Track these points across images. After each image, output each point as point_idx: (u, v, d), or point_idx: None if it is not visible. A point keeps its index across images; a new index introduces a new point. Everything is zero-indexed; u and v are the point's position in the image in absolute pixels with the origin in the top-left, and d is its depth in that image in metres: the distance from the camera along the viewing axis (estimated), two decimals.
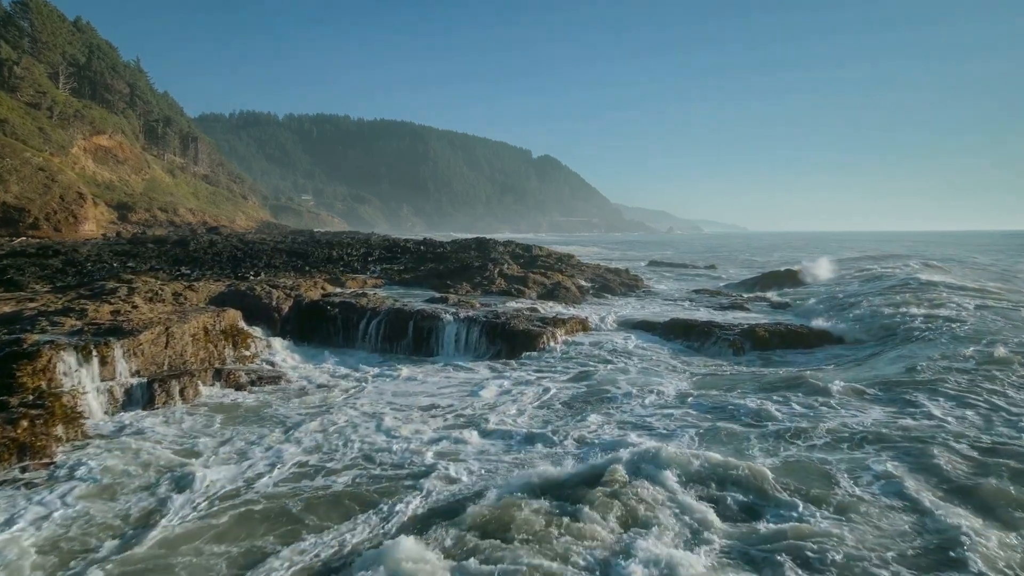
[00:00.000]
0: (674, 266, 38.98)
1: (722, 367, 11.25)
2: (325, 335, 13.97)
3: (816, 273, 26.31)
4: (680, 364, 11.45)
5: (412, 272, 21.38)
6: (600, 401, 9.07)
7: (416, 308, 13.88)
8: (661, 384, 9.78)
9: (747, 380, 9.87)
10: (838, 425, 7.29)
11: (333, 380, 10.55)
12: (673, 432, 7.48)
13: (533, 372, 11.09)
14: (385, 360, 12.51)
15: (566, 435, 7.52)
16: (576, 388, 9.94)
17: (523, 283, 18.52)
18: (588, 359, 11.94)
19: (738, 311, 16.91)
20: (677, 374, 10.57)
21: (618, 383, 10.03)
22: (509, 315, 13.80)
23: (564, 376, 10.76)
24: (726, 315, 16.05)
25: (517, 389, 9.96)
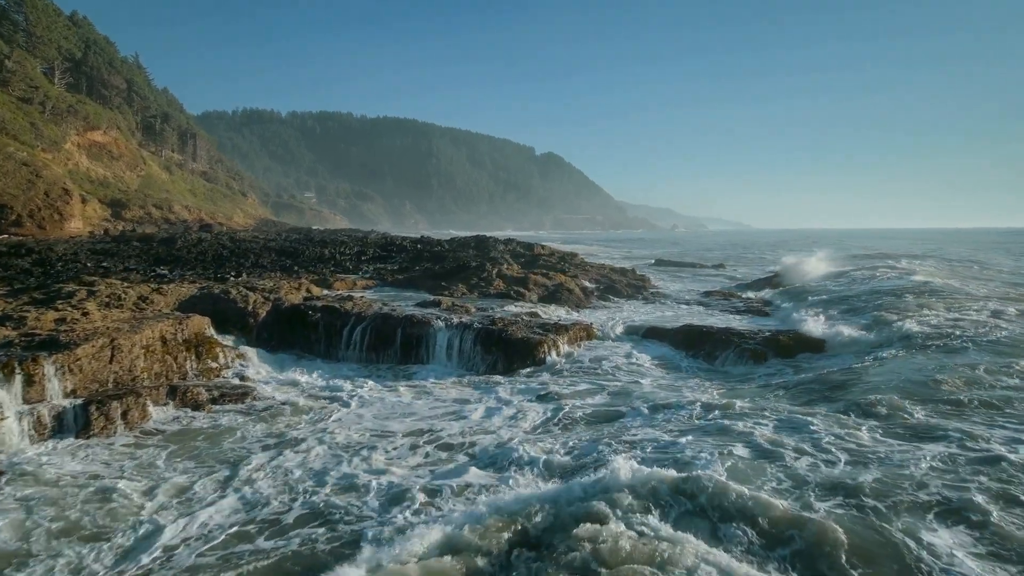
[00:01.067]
0: (682, 265, 37.70)
1: (746, 380, 10.02)
2: (306, 343, 12.80)
3: (825, 271, 25.05)
4: (697, 378, 10.22)
5: (406, 272, 20.19)
6: (611, 426, 7.86)
7: (405, 313, 12.69)
8: (678, 403, 8.55)
9: (779, 397, 8.62)
10: (900, 459, 6.06)
11: (308, 398, 9.36)
12: (700, 463, 6.27)
13: (533, 388, 9.87)
14: (369, 372, 11.32)
15: (571, 472, 6.32)
16: (582, 407, 8.73)
17: (523, 285, 17.31)
18: (594, 372, 10.72)
19: (756, 316, 15.68)
20: (695, 390, 9.33)
21: (629, 401, 8.83)
22: (507, 321, 12.60)
23: (568, 392, 9.55)
24: (743, 320, 14.81)
25: (514, 410, 8.75)
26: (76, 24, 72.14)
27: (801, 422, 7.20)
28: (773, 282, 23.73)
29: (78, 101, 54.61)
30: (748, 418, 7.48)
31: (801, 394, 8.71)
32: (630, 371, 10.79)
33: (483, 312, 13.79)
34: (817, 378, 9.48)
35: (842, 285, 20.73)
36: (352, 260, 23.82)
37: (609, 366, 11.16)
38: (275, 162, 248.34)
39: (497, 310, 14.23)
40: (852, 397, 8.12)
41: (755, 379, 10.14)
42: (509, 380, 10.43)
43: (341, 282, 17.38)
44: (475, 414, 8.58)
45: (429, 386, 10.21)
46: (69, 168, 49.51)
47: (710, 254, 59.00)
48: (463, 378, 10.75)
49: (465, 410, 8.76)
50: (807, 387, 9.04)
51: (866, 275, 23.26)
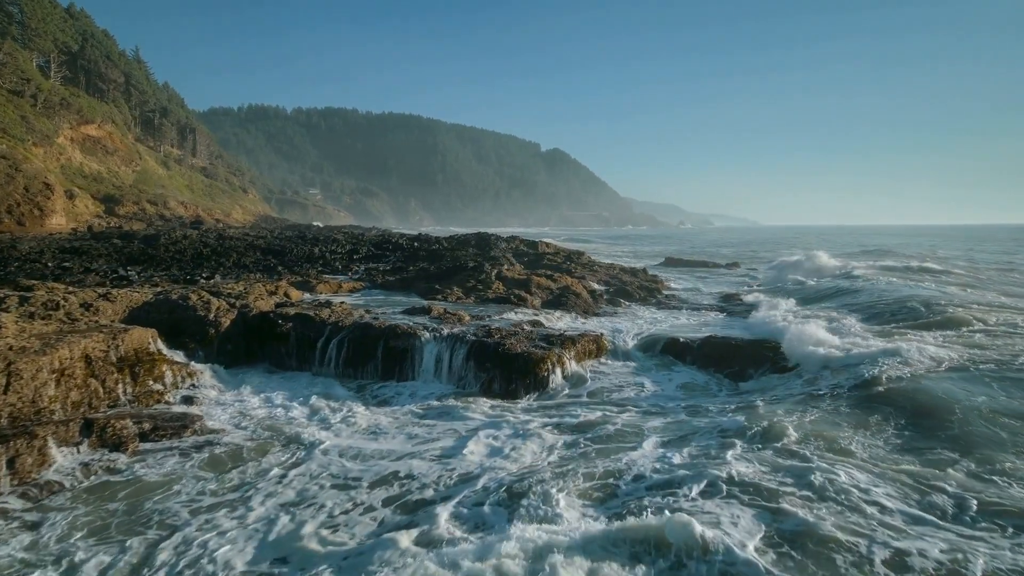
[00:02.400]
0: (693, 264, 35.91)
1: (798, 408, 8.34)
2: (276, 357, 11.24)
3: (858, 273, 23.27)
4: (731, 404, 8.55)
5: (398, 273, 18.60)
6: (625, 474, 6.23)
7: (389, 323, 11.09)
8: (709, 441, 6.93)
9: (846, 435, 6.94)
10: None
11: (265, 429, 7.77)
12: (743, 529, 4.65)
13: (532, 418, 8.25)
14: (345, 392, 9.71)
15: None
16: (588, 444, 7.12)
17: (525, 288, 15.68)
18: (606, 399, 9.07)
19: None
20: (727, 416, 7.68)
21: (646, 437, 7.21)
22: (505, 332, 10.97)
23: (571, 424, 7.94)
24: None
25: (510, 445, 7.16)
26: (73, 17, 70.88)
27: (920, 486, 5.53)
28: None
29: (71, 94, 53.34)
30: (814, 468, 5.83)
31: (887, 431, 7.03)
32: (648, 396, 9.14)
33: (479, 321, 12.17)
34: (894, 403, 7.79)
35: (877, 294, 18.96)
36: (343, 260, 22.27)
37: (624, 387, 9.53)
38: (281, 158, 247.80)
39: (495, 318, 12.61)
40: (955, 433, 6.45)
41: (807, 405, 8.44)
42: (505, 405, 8.80)
43: (325, 284, 15.81)
44: (466, 450, 6.97)
45: (410, 412, 8.59)
46: (61, 163, 48.27)
47: (721, 251, 57.09)
48: (451, 401, 9.12)
49: (454, 447, 7.16)
50: (880, 423, 7.36)
51: (909, 281, 21.58)
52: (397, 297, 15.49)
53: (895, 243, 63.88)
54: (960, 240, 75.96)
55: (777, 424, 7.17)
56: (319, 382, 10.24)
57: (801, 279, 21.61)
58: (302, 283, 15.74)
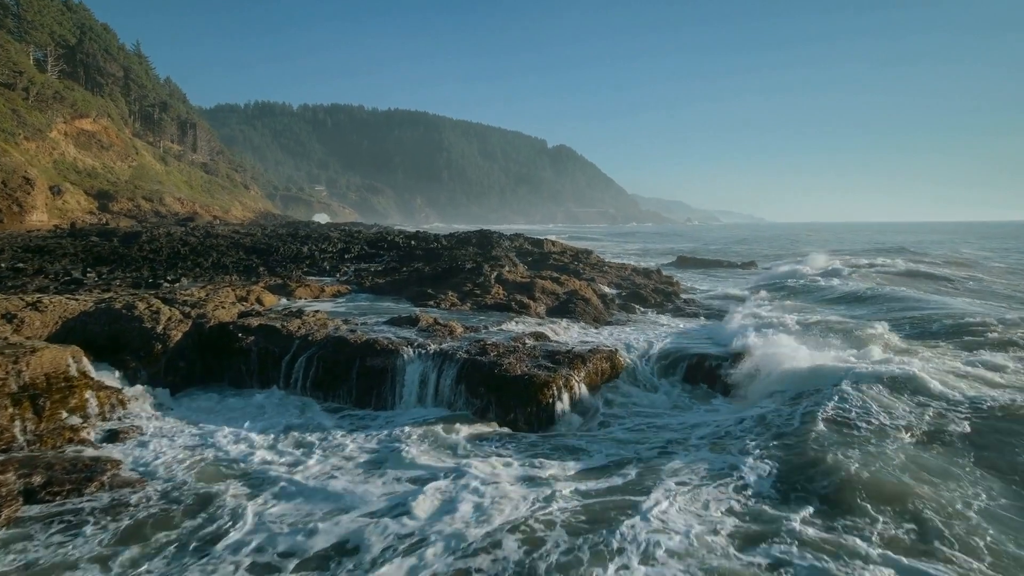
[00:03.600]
0: (707, 264, 34.07)
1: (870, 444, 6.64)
2: (236, 375, 9.64)
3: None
4: (778, 443, 6.86)
5: (390, 275, 16.98)
6: (654, 552, 4.58)
7: (367, 337, 9.45)
8: (758, 497, 5.28)
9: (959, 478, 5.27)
10: None
11: (199, 479, 6.17)
12: None
13: (535, 464, 6.60)
14: (308, 422, 8.09)
15: None
16: (601, 503, 5.48)
17: (528, 292, 14.01)
18: (623, 440, 7.41)
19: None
20: (777, 463, 6.01)
21: (672, 496, 5.55)
22: (503, 348, 9.32)
23: (581, 469, 6.32)
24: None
25: (504, 508, 5.51)
26: (71, 9, 69.64)
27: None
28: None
29: (65, 87, 52.06)
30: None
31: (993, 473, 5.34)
32: (679, 436, 7.46)
33: (473, 333, 10.53)
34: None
35: (914, 304, 17.14)
36: (333, 259, 20.68)
37: (648, 420, 7.87)
38: (287, 155, 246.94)
39: (492, 330, 10.96)
40: None
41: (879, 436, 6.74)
42: (497, 445, 7.14)
43: (305, 288, 14.21)
44: (454, 514, 5.32)
45: (378, 453, 6.94)
46: (54, 157, 46.99)
47: (732, 249, 55.11)
48: (436, 433, 7.46)
49: (437, 511, 5.51)
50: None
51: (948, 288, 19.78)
52: (385, 303, 13.86)
53: (909, 241, 61.59)
54: (974, 237, 73.45)
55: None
56: (281, 408, 8.62)
57: (835, 285, 19.72)
58: (279, 286, 14.15)
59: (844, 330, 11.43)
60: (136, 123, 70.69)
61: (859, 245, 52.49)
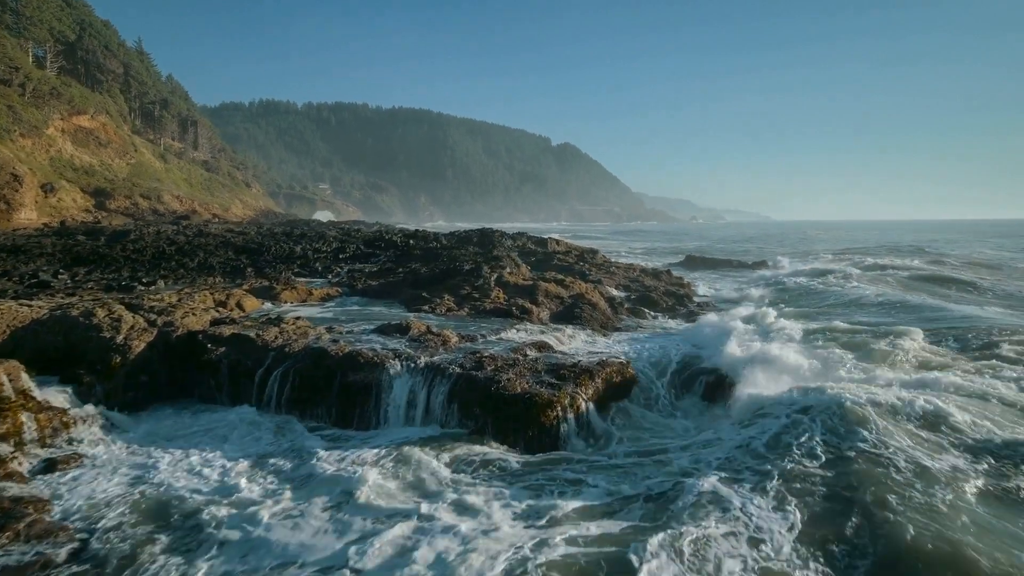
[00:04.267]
0: (717, 263, 32.92)
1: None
2: (205, 391, 8.70)
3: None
4: (802, 486, 5.82)
5: (384, 276, 16.02)
6: None
7: (350, 348, 8.49)
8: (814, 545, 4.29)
9: None
10: None
11: (131, 532, 5.20)
12: None
13: (524, 502, 5.62)
14: (280, 446, 7.14)
15: None
16: (594, 556, 4.50)
17: (530, 296, 13.02)
18: (635, 469, 6.41)
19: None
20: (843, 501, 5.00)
21: (677, 551, 4.56)
22: (501, 361, 8.35)
23: (577, 508, 5.36)
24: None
25: (474, 564, 4.54)
26: (71, 5, 68.97)
27: None
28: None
29: (63, 83, 51.34)
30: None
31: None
32: (688, 468, 6.43)
33: (469, 343, 9.55)
34: None
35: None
36: (327, 259, 19.76)
37: (662, 463, 6.85)
38: (291, 153, 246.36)
39: (491, 339, 9.98)
40: None
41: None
42: (481, 483, 6.13)
43: (291, 291, 13.26)
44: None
45: (349, 485, 5.95)
46: (51, 154, 46.29)
47: (741, 247, 53.89)
48: (416, 459, 6.48)
49: (371, 562, 4.54)
50: None
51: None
52: (376, 307, 12.90)
53: (922, 240, 60.14)
54: (986, 236, 71.83)
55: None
56: (250, 429, 7.67)
57: (853, 290, 18.60)
58: (264, 289, 13.21)
59: (864, 344, 10.30)
60: (136, 120, 70.00)
61: (871, 245, 51.16)
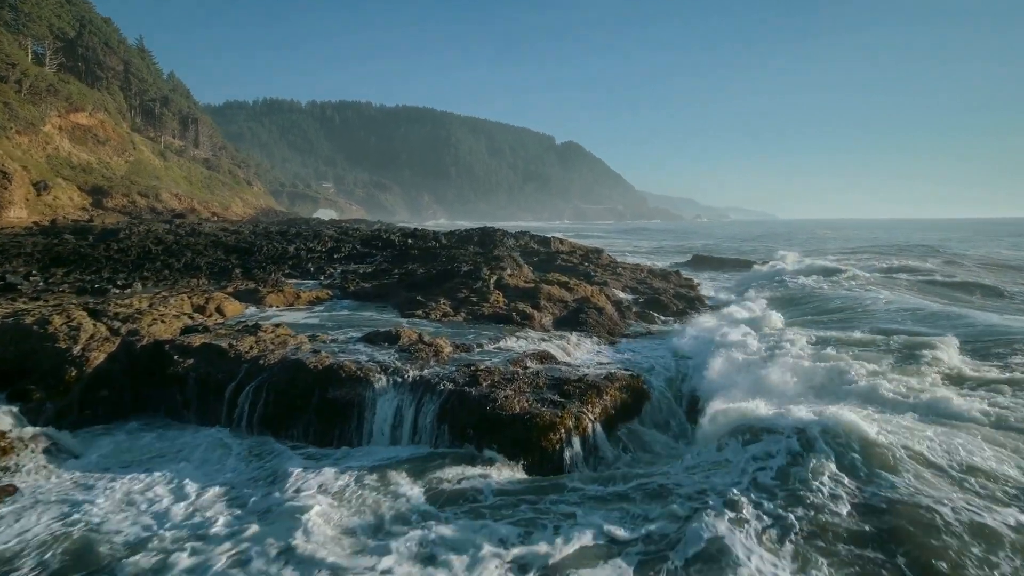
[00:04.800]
0: (725, 263, 31.99)
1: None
2: (172, 407, 7.90)
3: None
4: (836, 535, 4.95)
5: (379, 278, 15.20)
6: None
7: (331, 361, 7.65)
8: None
9: None
10: None
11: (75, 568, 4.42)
12: None
13: (505, 543, 4.78)
14: (238, 477, 6.31)
15: None
16: None
17: (532, 300, 12.17)
18: (639, 502, 5.53)
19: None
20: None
21: None
22: (498, 375, 7.51)
23: (568, 556, 4.52)
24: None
25: None
26: (70, 2, 68.36)
27: None
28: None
29: (60, 80, 50.69)
30: None
31: None
32: (698, 505, 5.55)
33: (464, 353, 8.71)
34: None
35: None
36: (321, 259, 18.95)
37: (664, 470, 6.00)
38: (294, 152, 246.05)
39: (488, 347, 9.13)
40: None
41: None
42: (460, 518, 5.28)
43: (278, 295, 12.44)
44: None
45: (323, 521, 5.12)
46: (47, 152, 45.64)
47: (748, 246, 52.86)
48: (397, 484, 5.64)
49: None
50: None
51: None
52: (367, 312, 12.07)
53: (931, 239, 58.90)
54: (995, 235, 70.46)
55: None
56: (215, 452, 6.86)
57: (866, 295, 17.67)
58: (248, 292, 12.40)
59: (887, 356, 9.20)
60: (137, 118, 69.38)
61: (881, 244, 50.01)
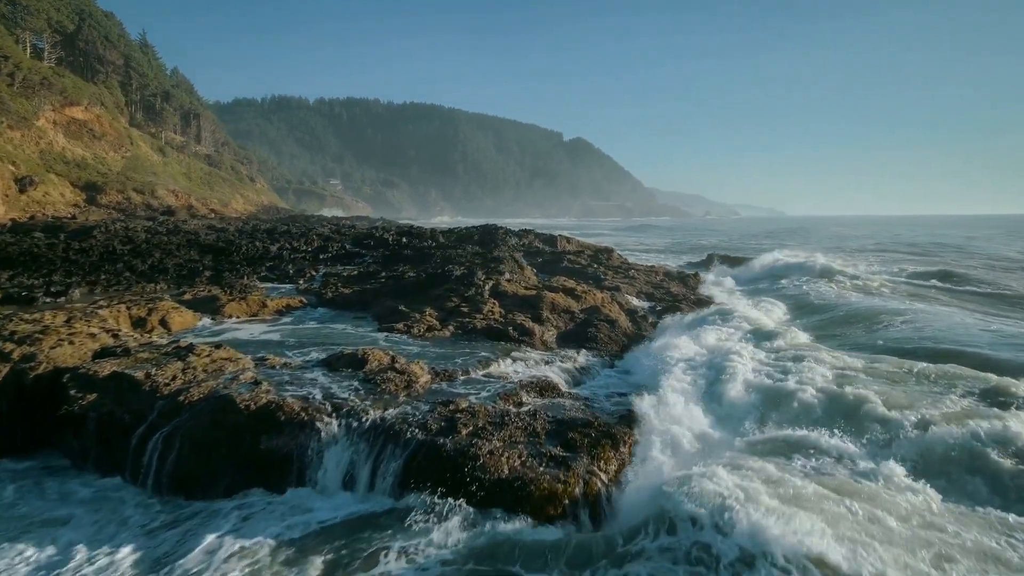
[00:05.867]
0: (741, 263, 30.06)
1: None
2: (70, 452, 6.25)
3: None
4: None
5: (361, 283, 13.51)
6: None
7: (268, 399, 5.95)
8: None
9: None
10: None
11: None
12: None
13: None
14: (144, 546, 4.64)
15: None
16: None
17: (532, 309, 10.43)
18: None
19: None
20: None
21: None
22: (483, 418, 5.78)
23: None
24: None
25: None
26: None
27: None
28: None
29: (54, 73, 49.46)
30: None
31: None
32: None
33: (445, 381, 7.00)
34: None
35: None
36: (304, 260, 17.31)
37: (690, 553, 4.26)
38: (302, 149, 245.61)
39: (475, 374, 7.40)
40: None
41: None
42: None
43: (240, 303, 10.77)
44: None
45: None
46: (41, 147, 44.41)
47: (763, 244, 50.68)
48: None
49: None
50: None
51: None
52: (340, 325, 10.38)
53: (950, 236, 56.38)
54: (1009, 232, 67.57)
55: None
56: (111, 516, 5.19)
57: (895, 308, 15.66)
58: (206, 301, 10.75)
59: (958, 406, 7.50)
60: (138, 113, 68.27)
61: (903, 242, 47.69)
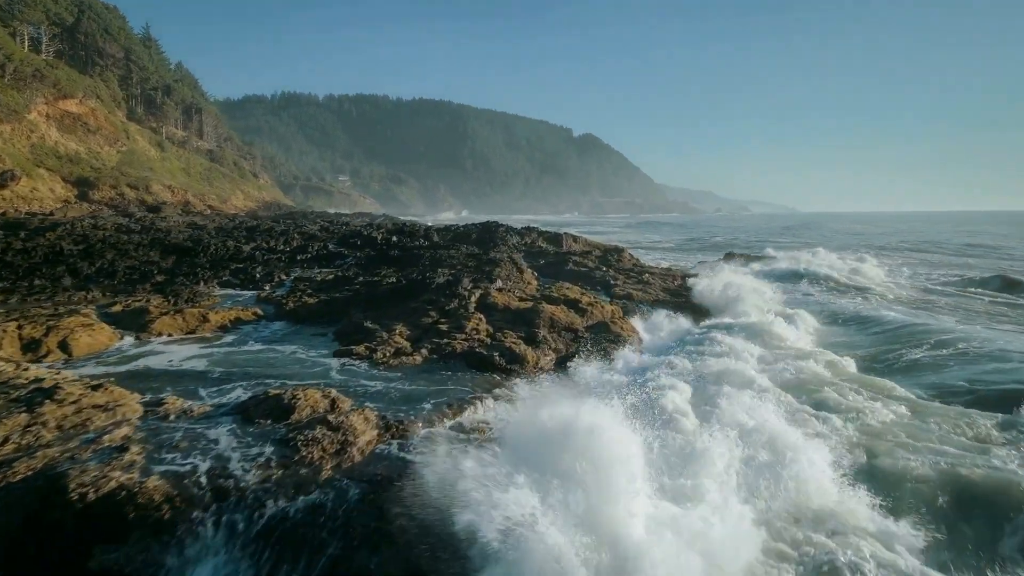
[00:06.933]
0: (759, 261, 27.92)
1: None
2: None
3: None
4: None
5: (332, 290, 11.64)
6: None
7: (117, 484, 4.10)
8: None
9: None
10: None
11: None
12: None
13: None
14: None
15: None
16: None
17: (527, 326, 8.51)
18: None
19: None
20: None
21: None
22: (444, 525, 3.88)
23: None
24: None
25: None
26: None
27: None
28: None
29: (47, 65, 48.11)
30: None
31: None
32: None
33: (396, 438, 5.10)
34: None
35: None
36: (279, 262, 15.51)
37: None
38: (312, 145, 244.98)
39: (440, 426, 5.50)
40: None
41: None
42: None
43: (174, 317, 8.94)
44: None
45: None
46: (32, 141, 43.09)
47: (780, 242, 48.30)
48: None
49: None
50: None
51: None
52: (290, 346, 8.49)
53: (978, 232, 53.60)
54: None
55: None
56: None
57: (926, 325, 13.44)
58: (133, 314, 8.94)
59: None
60: (139, 107, 67.00)
61: (929, 241, 45.06)
